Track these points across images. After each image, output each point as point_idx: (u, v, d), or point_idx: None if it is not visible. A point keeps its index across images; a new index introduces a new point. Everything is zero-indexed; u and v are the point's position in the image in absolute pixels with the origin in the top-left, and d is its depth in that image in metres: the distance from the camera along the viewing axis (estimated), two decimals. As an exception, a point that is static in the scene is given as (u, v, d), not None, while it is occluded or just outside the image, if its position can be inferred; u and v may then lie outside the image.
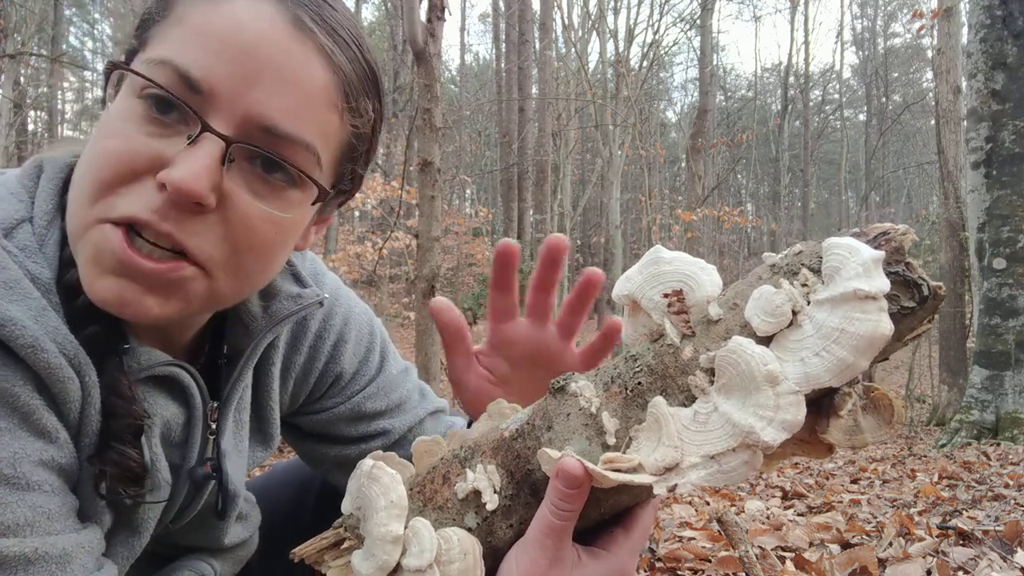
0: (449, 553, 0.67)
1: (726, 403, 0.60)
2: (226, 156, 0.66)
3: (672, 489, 0.60)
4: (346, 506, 0.74)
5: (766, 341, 0.61)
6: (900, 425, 11.18)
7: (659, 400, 0.63)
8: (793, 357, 0.59)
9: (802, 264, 0.62)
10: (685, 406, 0.63)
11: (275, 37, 0.67)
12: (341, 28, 0.73)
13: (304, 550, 0.75)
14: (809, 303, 0.60)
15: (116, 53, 0.76)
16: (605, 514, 0.70)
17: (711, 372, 0.62)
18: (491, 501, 0.68)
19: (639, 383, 0.65)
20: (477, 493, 0.69)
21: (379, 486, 0.70)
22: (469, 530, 0.70)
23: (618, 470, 0.62)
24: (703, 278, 0.65)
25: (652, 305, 0.66)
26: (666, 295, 0.66)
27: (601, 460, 0.63)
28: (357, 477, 0.73)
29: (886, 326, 0.56)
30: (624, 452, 0.64)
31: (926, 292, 0.59)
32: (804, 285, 0.61)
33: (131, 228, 0.66)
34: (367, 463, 0.73)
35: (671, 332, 0.64)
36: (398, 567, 0.67)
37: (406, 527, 0.69)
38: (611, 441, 0.64)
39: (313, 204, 0.75)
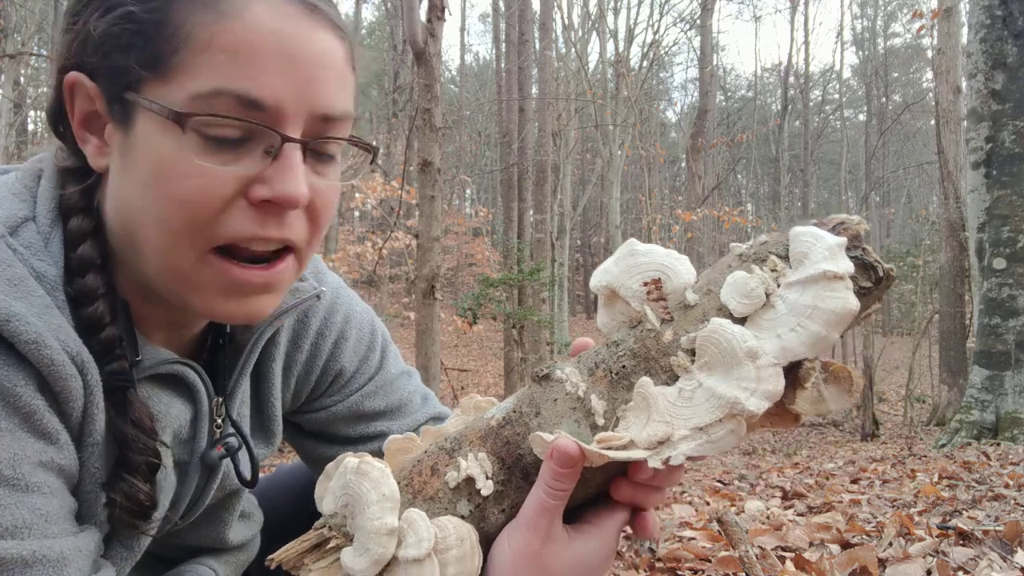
0: (446, 541, 0.68)
1: (709, 379, 0.65)
2: (305, 156, 0.71)
3: (666, 461, 0.64)
4: (328, 506, 0.74)
5: (741, 322, 0.66)
6: (903, 425, 11.18)
7: (645, 380, 0.67)
8: (769, 334, 0.65)
9: (769, 252, 0.68)
10: (668, 385, 0.67)
11: (301, 30, 0.69)
12: None
13: (283, 555, 0.74)
14: (779, 286, 0.66)
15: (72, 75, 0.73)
16: (591, 493, 0.73)
17: (691, 352, 0.67)
18: (485, 487, 0.70)
19: (623, 366, 0.69)
20: (470, 480, 0.70)
21: (369, 481, 0.70)
22: (462, 518, 0.71)
23: (611, 448, 0.65)
24: (679, 267, 0.70)
25: (631, 294, 0.71)
26: (645, 284, 0.70)
27: (595, 440, 0.66)
28: (341, 475, 0.73)
29: (853, 302, 0.62)
30: (613, 431, 0.68)
31: (881, 273, 0.66)
32: (773, 270, 0.67)
33: (231, 250, 0.70)
34: (351, 461, 0.73)
35: (651, 317, 0.69)
36: (393, 559, 0.68)
37: (399, 519, 0.69)
38: (600, 422, 0.68)
39: (371, 162, 0.83)
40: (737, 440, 0.64)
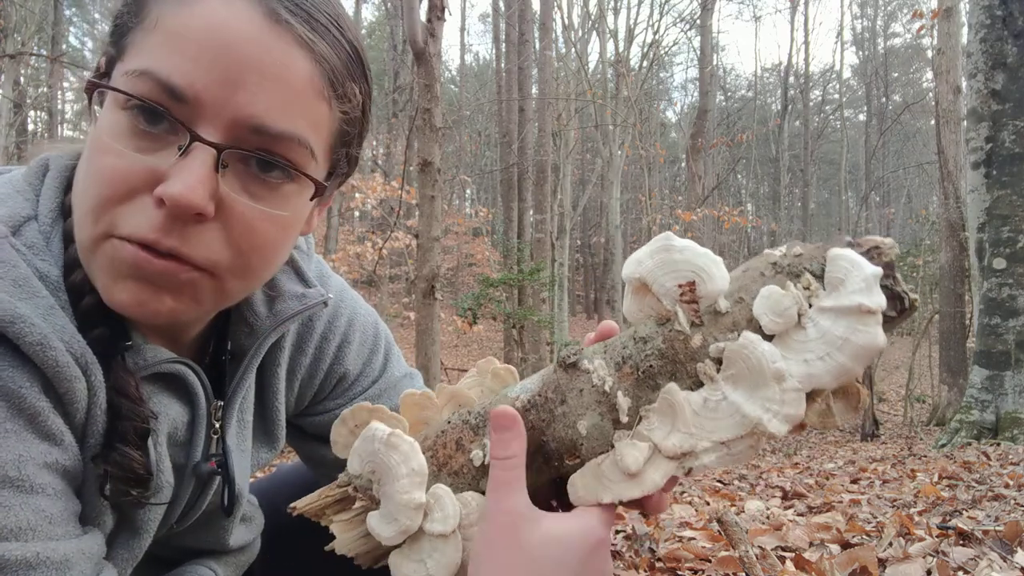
0: (469, 517, 0.71)
1: (735, 393, 0.66)
2: (219, 163, 0.66)
3: (688, 472, 0.67)
4: (353, 466, 0.76)
5: (770, 338, 0.66)
6: (903, 425, 11.17)
7: (673, 387, 0.68)
8: (797, 357, 0.64)
9: (804, 268, 0.67)
10: (692, 389, 0.68)
11: (253, 34, 0.65)
12: (319, 13, 0.70)
13: (306, 506, 0.78)
14: (811, 306, 0.65)
15: (96, 59, 0.75)
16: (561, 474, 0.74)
17: (718, 361, 0.67)
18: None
19: (650, 365, 0.70)
20: None
21: (399, 454, 0.72)
22: (483, 492, 0.73)
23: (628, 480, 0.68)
24: (714, 271, 0.69)
25: (663, 291, 0.70)
26: (679, 285, 0.70)
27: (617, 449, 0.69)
28: (368, 440, 0.74)
29: (882, 338, 0.63)
30: (635, 428, 0.69)
31: (907, 304, 0.66)
32: (807, 288, 0.66)
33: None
34: (380, 429, 0.74)
35: (683, 320, 0.69)
36: (419, 530, 0.72)
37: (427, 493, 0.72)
38: (624, 419, 0.69)
39: (311, 200, 0.75)
40: (755, 453, 0.67)
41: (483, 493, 0.72)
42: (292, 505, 0.77)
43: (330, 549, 0.78)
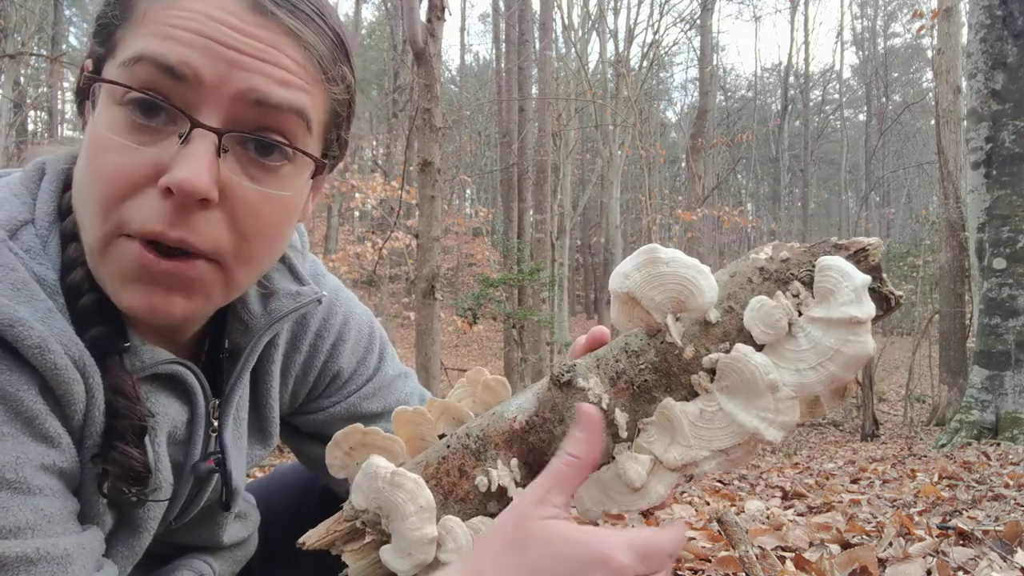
0: None
1: (730, 403, 0.67)
2: (220, 147, 0.67)
3: (690, 479, 0.68)
4: (359, 501, 0.76)
5: (760, 346, 0.67)
6: (903, 425, 11.18)
7: (670, 402, 0.69)
8: (789, 366, 0.66)
9: (792, 275, 0.68)
10: (687, 399, 0.69)
11: (240, 26, 0.67)
12: (301, 2, 0.72)
13: (315, 541, 0.78)
14: (800, 314, 0.67)
15: (83, 62, 0.77)
16: None
17: (712, 372, 0.68)
18: (517, 495, 0.72)
19: (645, 380, 0.71)
20: (502, 489, 0.73)
21: (404, 492, 0.73)
22: (491, 515, 0.73)
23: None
24: (703, 283, 0.68)
25: (653, 305, 0.70)
26: (669, 298, 0.70)
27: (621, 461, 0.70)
28: (371, 478, 0.74)
29: (872, 346, 0.64)
30: (635, 441, 0.70)
31: (892, 303, 0.68)
32: (796, 296, 0.67)
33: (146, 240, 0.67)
34: (383, 467, 0.74)
35: (675, 334, 0.69)
36: (434, 560, 0.72)
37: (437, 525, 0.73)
38: (623, 434, 0.70)
39: (312, 177, 0.77)
40: (752, 456, 0.69)
41: (492, 517, 0.72)
42: (300, 541, 0.77)
43: None
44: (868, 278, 0.65)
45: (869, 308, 0.64)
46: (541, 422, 0.72)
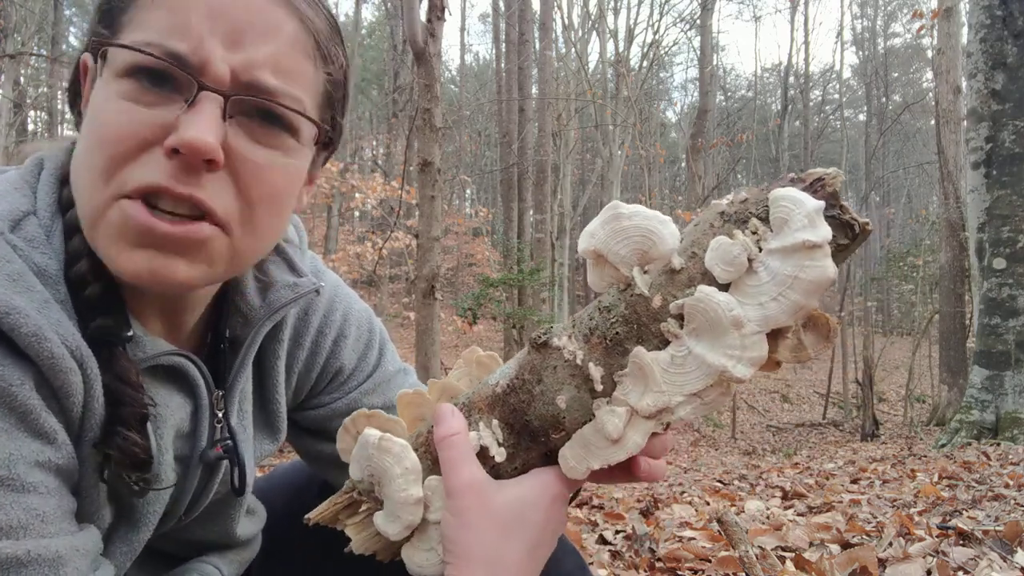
0: None
1: (698, 346, 0.68)
2: (225, 111, 0.69)
3: (667, 427, 0.72)
4: (355, 472, 0.80)
5: (725, 287, 0.68)
6: (903, 425, 11.18)
7: (640, 351, 0.70)
8: (752, 301, 0.66)
9: (750, 213, 0.69)
10: (659, 349, 0.70)
11: (243, 3, 0.69)
12: None
13: (319, 515, 0.81)
14: (760, 250, 0.67)
15: (81, 51, 0.78)
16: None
17: (680, 317, 0.69)
18: (499, 455, 0.75)
19: (617, 333, 0.71)
20: (484, 448, 0.75)
21: (391, 456, 0.76)
22: None
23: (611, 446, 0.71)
24: (663, 231, 0.70)
25: (619, 259, 0.71)
26: (633, 250, 0.72)
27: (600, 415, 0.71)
28: (363, 447, 0.78)
29: (832, 270, 0.64)
30: (612, 395, 0.71)
31: (857, 230, 0.67)
32: (754, 233, 0.68)
33: (147, 200, 0.67)
34: (373, 434, 0.78)
35: (641, 283, 0.70)
36: (423, 521, 0.76)
37: (423, 486, 0.76)
38: (599, 388, 0.71)
39: (316, 144, 0.79)
40: (728, 398, 0.70)
41: None
42: (307, 516, 0.81)
43: (349, 551, 0.81)
44: (821, 203, 0.65)
45: (824, 231, 0.64)
46: (520, 384, 0.74)
